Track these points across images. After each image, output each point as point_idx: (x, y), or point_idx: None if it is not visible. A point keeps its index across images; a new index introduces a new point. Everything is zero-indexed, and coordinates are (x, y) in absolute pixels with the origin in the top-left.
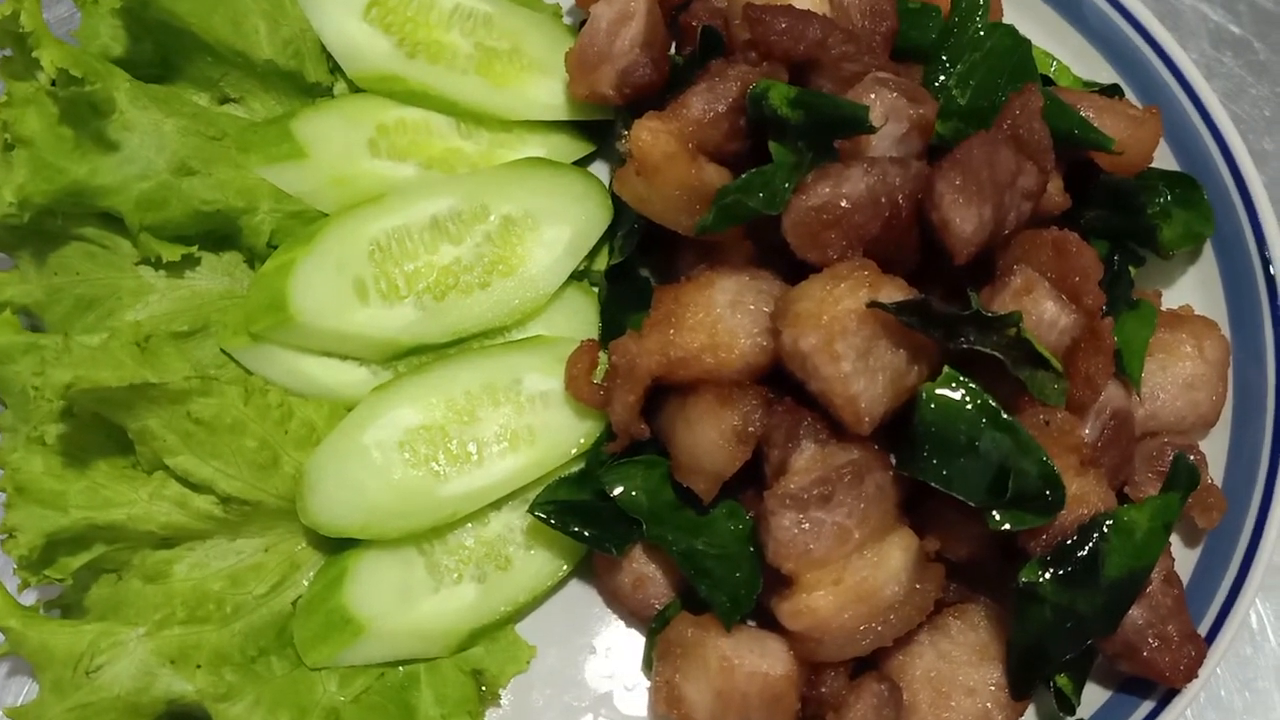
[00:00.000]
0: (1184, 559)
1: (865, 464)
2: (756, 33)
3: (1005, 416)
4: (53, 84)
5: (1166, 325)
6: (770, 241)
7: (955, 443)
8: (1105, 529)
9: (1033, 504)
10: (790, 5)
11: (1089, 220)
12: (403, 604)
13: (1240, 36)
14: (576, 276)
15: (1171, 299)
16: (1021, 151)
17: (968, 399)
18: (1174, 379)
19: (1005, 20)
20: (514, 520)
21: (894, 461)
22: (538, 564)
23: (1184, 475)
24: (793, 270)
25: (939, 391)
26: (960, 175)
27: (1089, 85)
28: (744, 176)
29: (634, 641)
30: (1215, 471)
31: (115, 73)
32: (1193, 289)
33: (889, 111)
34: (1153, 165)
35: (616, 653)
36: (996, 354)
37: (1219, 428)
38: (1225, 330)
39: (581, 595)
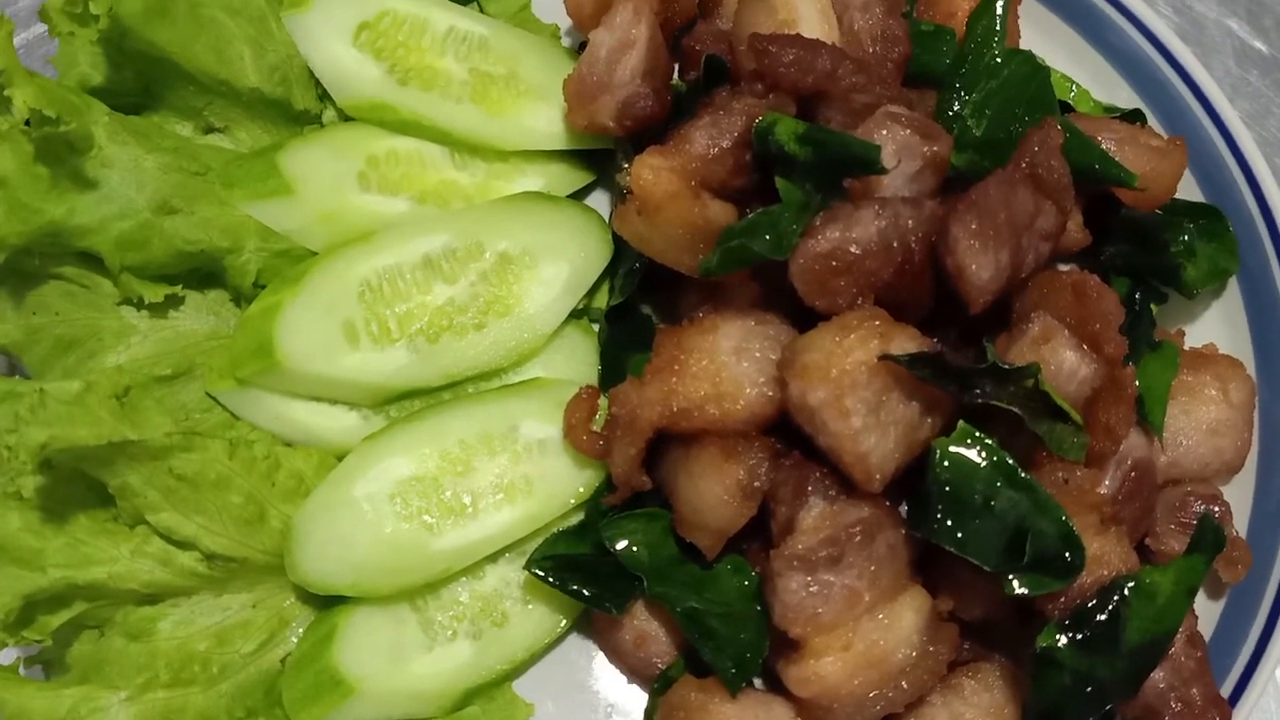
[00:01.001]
0: (1207, 612)
1: (876, 522)
2: (763, 64)
3: (1022, 475)
4: (27, 123)
5: (1189, 366)
6: (777, 282)
7: (970, 503)
8: (1126, 592)
9: (1051, 567)
10: (798, 34)
11: (1109, 257)
12: (395, 663)
13: (1267, 54)
14: (576, 315)
15: (1195, 335)
16: (1040, 191)
17: (983, 456)
18: (1197, 424)
19: (1023, 39)
20: (510, 574)
21: (905, 513)
22: (535, 619)
23: (1210, 537)
24: (801, 312)
25: (953, 449)
26: (976, 218)
27: (1109, 110)
28: (749, 217)
29: (636, 698)
30: (1239, 518)
31: (93, 105)
32: (1217, 324)
33: (901, 150)
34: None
35: (619, 712)
36: (1013, 408)
37: (1243, 473)
38: (1250, 368)
39: (581, 650)
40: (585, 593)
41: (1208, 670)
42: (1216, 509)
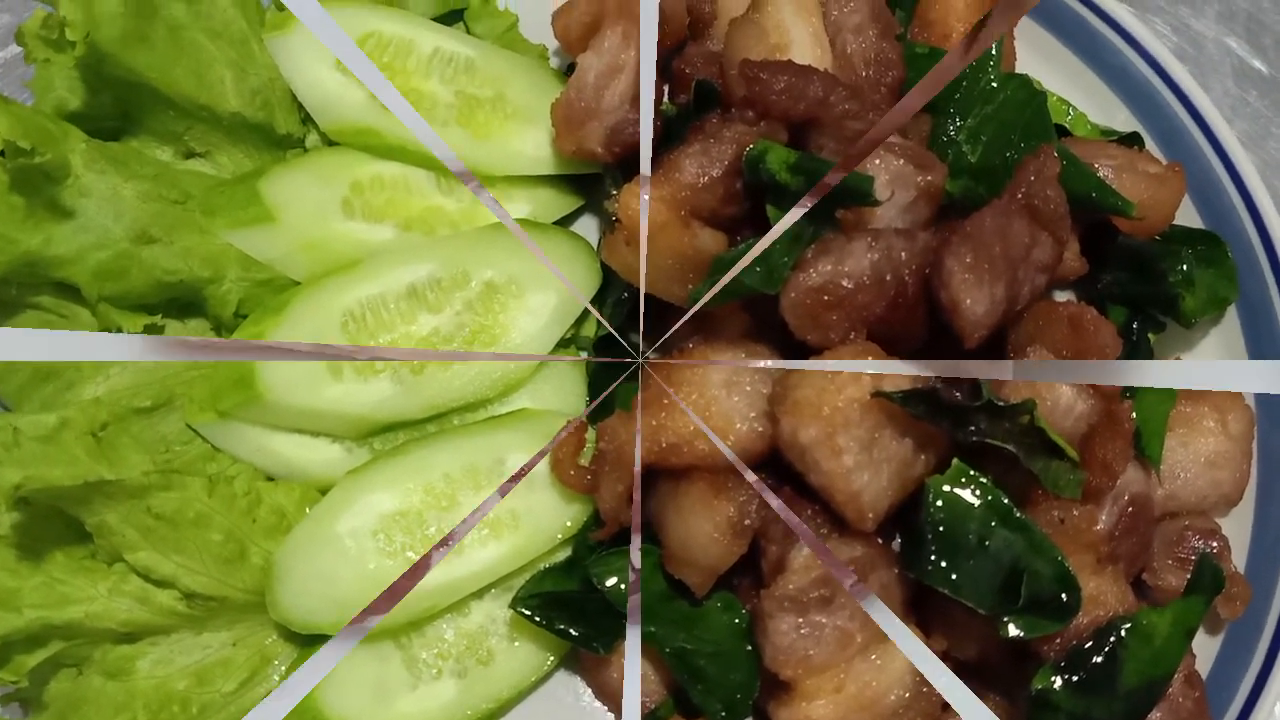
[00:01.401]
0: (1205, 647)
1: (868, 562)
2: (754, 91)
3: (1018, 515)
4: (2, 153)
5: (1187, 397)
6: (767, 314)
7: (964, 543)
8: (1123, 633)
9: (1047, 608)
10: (789, 60)
11: (1106, 285)
12: (378, 702)
13: (1267, 74)
14: (563, 344)
15: None
16: (1036, 221)
17: (977, 495)
18: (1195, 457)
19: (1019, 61)
20: (496, 610)
21: (897, 547)
22: (522, 657)
23: (1208, 578)
24: (792, 343)
25: (947, 488)
26: (971, 251)
27: (1107, 133)
28: (740, 248)
29: None
30: (1237, 551)
31: (70, 132)
32: (1215, 353)
33: (895, 180)
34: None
35: None
36: (1008, 446)
37: (1241, 505)
38: (1249, 398)
39: (568, 688)
40: (572, 632)
41: (1205, 710)
42: (1214, 544)
